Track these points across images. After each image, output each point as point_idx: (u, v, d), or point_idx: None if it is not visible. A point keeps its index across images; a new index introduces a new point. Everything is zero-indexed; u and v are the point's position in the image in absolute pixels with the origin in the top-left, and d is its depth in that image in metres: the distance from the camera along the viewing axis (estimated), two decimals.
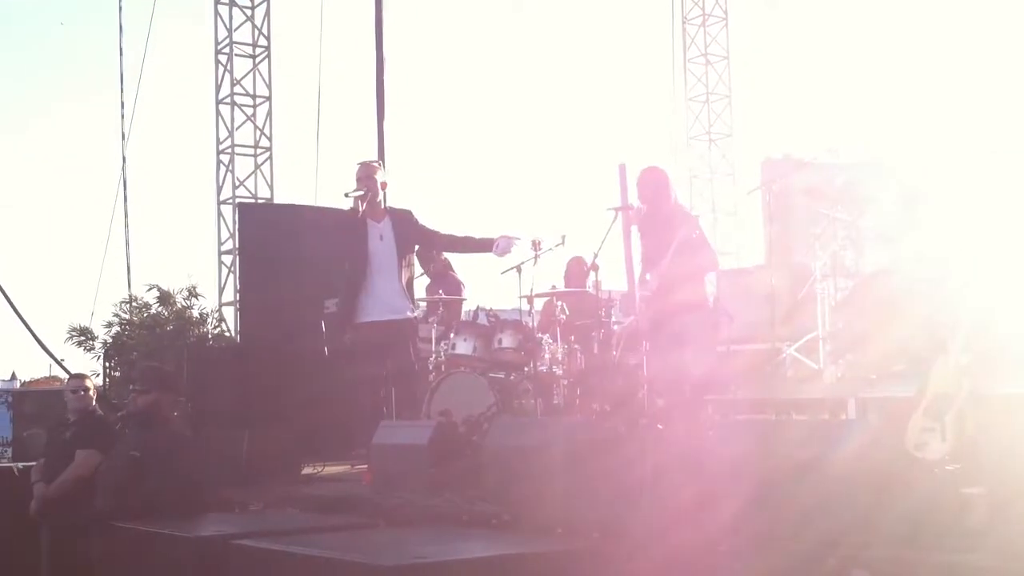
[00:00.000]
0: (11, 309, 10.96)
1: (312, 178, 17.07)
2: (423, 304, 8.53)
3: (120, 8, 15.96)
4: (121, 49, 15.97)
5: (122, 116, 16.00)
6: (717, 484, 4.22)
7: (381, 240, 7.24)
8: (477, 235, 7.51)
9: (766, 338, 7.44)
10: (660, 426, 6.64)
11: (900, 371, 6.65)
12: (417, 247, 7.76)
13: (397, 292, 7.24)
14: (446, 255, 9.12)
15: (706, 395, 6.50)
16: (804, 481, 3.85)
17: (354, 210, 7.21)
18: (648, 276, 6.74)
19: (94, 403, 7.04)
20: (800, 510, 3.85)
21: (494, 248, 7.31)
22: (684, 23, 20.46)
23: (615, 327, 7.69)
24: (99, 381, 11.47)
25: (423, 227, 7.44)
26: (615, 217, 7.24)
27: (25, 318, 11.05)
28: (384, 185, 7.35)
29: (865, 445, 3.88)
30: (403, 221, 7.35)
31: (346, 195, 7.26)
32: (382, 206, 7.34)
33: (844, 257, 7.61)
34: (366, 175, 7.28)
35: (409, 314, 7.31)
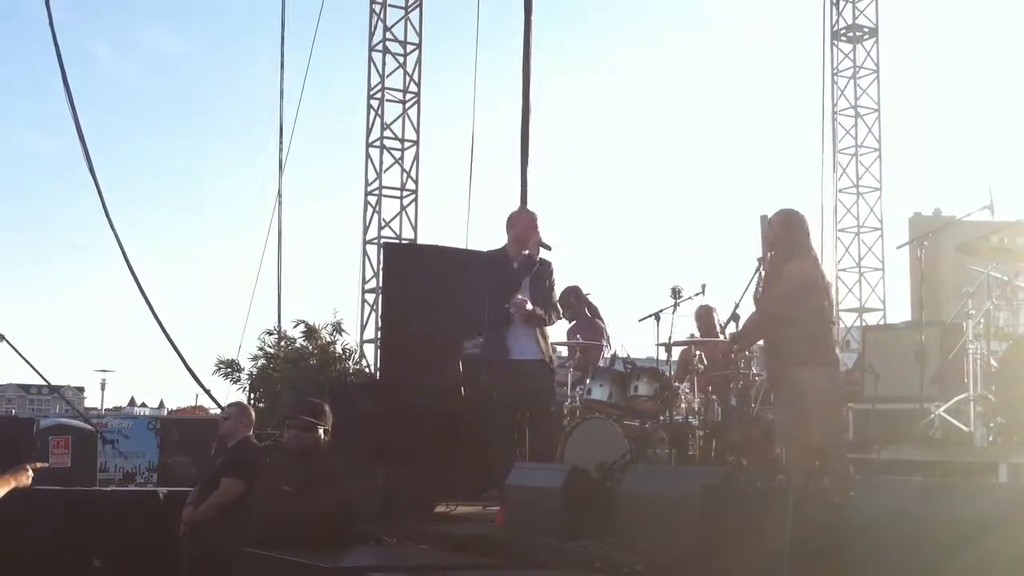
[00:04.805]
0: (165, 338, 11.45)
1: (452, 220, 17.35)
2: (560, 350, 8.52)
3: (282, 62, 16.51)
4: (282, 92, 16.51)
5: (279, 151, 16.47)
6: (854, 546, 4.08)
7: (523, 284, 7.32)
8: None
9: (914, 398, 7.18)
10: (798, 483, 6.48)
11: None
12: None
13: (533, 335, 7.29)
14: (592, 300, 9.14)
15: (847, 454, 6.29)
16: (952, 546, 3.69)
17: (502, 252, 7.35)
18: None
19: (250, 432, 7.18)
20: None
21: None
22: (835, 75, 20.15)
23: (754, 379, 7.55)
24: None
25: (548, 284, 7.44)
26: (757, 268, 7.15)
27: (178, 347, 11.54)
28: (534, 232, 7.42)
29: (1019, 510, 3.70)
30: (542, 270, 7.41)
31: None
32: (525, 252, 7.41)
33: (998, 317, 7.31)
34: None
35: (543, 357, 7.33)
